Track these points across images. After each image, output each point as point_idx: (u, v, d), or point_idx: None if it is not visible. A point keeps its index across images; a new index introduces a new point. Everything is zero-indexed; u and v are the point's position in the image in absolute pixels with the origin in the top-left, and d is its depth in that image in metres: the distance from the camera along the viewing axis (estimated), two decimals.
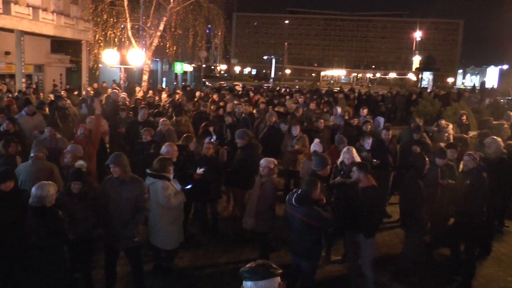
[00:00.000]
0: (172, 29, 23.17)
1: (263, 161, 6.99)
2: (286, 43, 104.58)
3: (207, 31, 28.07)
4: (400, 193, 7.42)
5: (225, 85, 44.71)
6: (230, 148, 9.05)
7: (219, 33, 26.27)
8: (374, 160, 8.71)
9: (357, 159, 7.23)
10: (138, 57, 20.61)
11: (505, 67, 77.57)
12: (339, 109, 13.58)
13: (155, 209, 6.17)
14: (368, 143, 8.85)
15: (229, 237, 8.27)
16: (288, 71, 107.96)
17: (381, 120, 11.63)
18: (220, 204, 9.23)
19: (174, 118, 11.35)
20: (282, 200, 9.35)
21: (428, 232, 7.06)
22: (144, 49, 22.88)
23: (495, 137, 8.47)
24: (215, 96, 18.36)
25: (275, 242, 7.69)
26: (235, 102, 15.96)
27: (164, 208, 6.32)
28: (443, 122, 11.34)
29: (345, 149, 7.42)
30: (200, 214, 8.79)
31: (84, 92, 17.21)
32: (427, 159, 6.91)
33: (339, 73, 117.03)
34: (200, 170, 7.70)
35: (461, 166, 7.32)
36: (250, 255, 7.39)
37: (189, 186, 6.95)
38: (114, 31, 22.10)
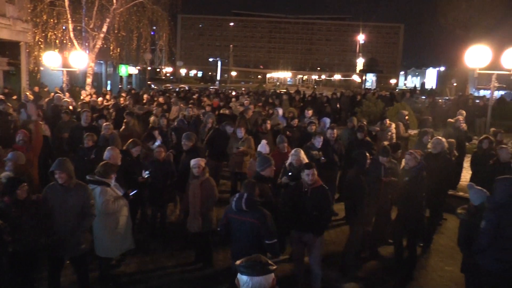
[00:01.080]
0: (116, 31, 22.73)
1: (194, 162, 6.97)
2: (231, 45, 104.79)
3: (152, 33, 27.70)
4: (344, 188, 7.59)
5: (171, 87, 44.29)
6: (176, 152, 8.95)
7: (164, 35, 26.00)
8: (322, 158, 8.89)
9: (305, 161, 7.32)
10: (81, 59, 20.07)
11: (442, 68, 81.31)
12: (280, 111, 13.71)
13: (96, 216, 5.99)
14: (319, 141, 9.01)
15: (177, 241, 8.17)
16: (234, 73, 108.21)
17: (327, 120, 11.85)
18: (168, 208, 9.11)
19: (125, 120, 11.15)
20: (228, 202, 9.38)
21: (371, 225, 7.31)
22: (87, 51, 22.31)
23: (440, 138, 8.93)
24: (160, 99, 18.13)
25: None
26: (181, 105, 15.85)
27: (105, 215, 6.19)
28: (387, 121, 11.69)
29: (293, 151, 7.50)
30: (147, 219, 8.66)
31: (23, 96, 16.55)
32: (368, 155, 7.14)
33: (285, 75, 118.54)
34: (145, 174, 7.59)
35: (402, 164, 7.60)
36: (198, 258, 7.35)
37: (134, 192, 6.80)
38: (55, 32, 21.38)
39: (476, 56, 12.34)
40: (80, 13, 22.39)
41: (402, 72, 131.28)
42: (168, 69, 78.82)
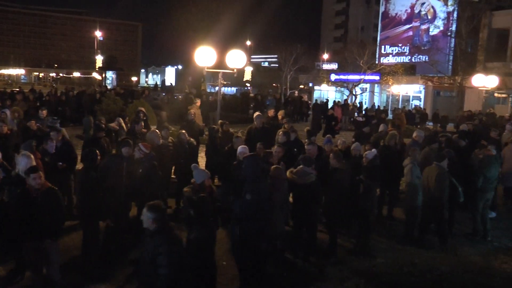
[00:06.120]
0: None
1: None
2: None
3: None
4: (77, 186, 7.55)
5: None
6: None
7: None
8: (60, 164, 8.63)
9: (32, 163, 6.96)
10: None
11: (180, 67, 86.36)
12: (8, 112, 12.61)
13: None
14: (52, 146, 8.69)
15: None
16: None
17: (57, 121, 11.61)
18: None
19: None
20: None
21: (111, 219, 7.47)
22: None
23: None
24: None
25: None
26: None
27: None
28: (127, 119, 11.99)
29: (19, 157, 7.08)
30: None
31: None
32: (97, 152, 7.30)
33: (17, 72, 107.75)
34: None
35: None
36: None
37: None
38: None
39: (204, 56, 13.56)
40: None
41: (143, 70, 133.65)
42: None
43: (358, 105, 33.78)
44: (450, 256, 6.71)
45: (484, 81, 26.54)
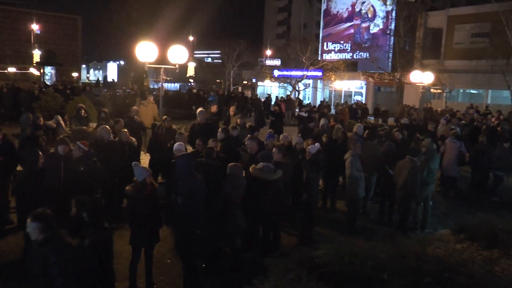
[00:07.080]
0: None
1: None
2: None
3: None
4: (16, 188, 7.28)
5: None
6: None
7: None
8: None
9: None
10: None
11: (122, 62, 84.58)
12: None
13: None
14: None
15: None
16: None
17: None
18: None
19: None
20: None
21: None
22: None
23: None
24: None
25: None
26: None
27: None
28: (65, 117, 11.63)
29: None
30: None
31: None
32: (40, 153, 7.09)
33: None
34: None
35: None
36: None
37: None
38: None
39: (145, 51, 13.32)
40: None
41: (84, 66, 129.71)
42: None
43: (297, 101, 34.25)
44: (389, 244, 6.95)
45: (421, 77, 27.61)
